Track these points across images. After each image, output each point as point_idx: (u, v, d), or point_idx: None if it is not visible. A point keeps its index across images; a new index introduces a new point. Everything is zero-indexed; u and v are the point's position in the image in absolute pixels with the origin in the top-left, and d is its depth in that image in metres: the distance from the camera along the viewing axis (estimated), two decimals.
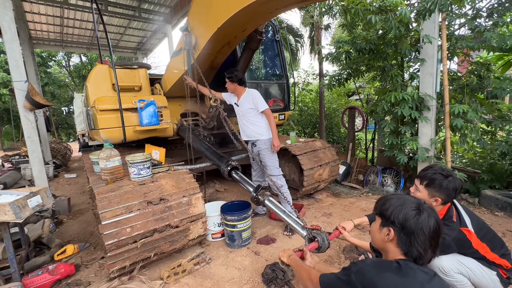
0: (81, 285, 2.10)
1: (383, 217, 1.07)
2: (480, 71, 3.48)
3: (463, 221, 1.59)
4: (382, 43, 4.02)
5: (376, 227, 1.11)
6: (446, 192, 1.55)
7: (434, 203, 1.59)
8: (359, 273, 0.97)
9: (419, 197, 1.63)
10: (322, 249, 1.66)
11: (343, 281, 1.01)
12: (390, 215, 1.03)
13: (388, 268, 0.95)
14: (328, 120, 8.74)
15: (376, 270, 0.95)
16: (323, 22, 8.87)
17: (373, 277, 0.93)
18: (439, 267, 1.56)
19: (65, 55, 18.02)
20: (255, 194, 2.25)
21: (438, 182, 1.56)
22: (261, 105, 2.91)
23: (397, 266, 0.95)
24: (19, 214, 1.86)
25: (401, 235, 1.00)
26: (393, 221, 1.02)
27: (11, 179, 4.70)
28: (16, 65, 3.33)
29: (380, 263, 1.02)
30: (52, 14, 7.20)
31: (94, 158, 2.67)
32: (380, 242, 1.09)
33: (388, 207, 1.06)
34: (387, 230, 1.04)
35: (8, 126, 16.02)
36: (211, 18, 2.39)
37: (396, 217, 1.01)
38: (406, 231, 0.99)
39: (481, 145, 3.48)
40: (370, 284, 0.93)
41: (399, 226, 1.00)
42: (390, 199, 1.09)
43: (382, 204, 1.09)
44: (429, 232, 0.97)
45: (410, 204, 1.02)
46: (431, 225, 0.97)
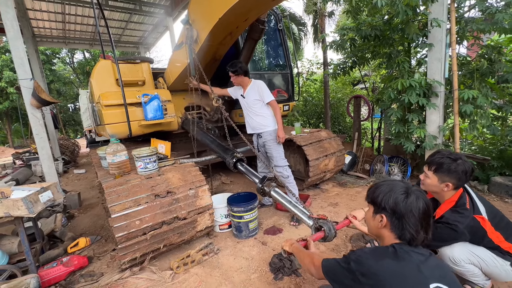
0: (94, 276, 2.17)
1: (375, 205, 1.10)
2: (490, 54, 3.36)
3: (477, 208, 1.55)
4: (388, 28, 3.90)
5: (369, 215, 1.14)
6: (456, 175, 1.50)
7: (446, 189, 1.55)
8: (357, 262, 1.00)
9: (429, 183, 1.60)
10: (328, 239, 1.67)
11: (343, 268, 1.04)
12: (381, 201, 1.06)
13: (384, 254, 0.99)
14: (333, 110, 8.64)
15: (374, 257, 0.98)
16: (326, 9, 8.65)
17: (371, 264, 0.96)
18: (450, 257, 1.54)
19: (68, 52, 18.10)
20: (261, 185, 2.26)
21: (447, 166, 1.52)
22: (267, 96, 2.89)
23: (393, 251, 0.99)
24: (31, 209, 1.92)
25: (393, 220, 1.03)
26: (384, 207, 1.05)
27: (22, 176, 4.82)
28: (21, 63, 3.36)
29: (377, 250, 1.05)
30: (54, 11, 7.19)
31: (101, 153, 2.70)
32: (375, 229, 1.12)
33: (378, 194, 1.08)
34: (380, 217, 1.07)
35: (17, 124, 16.34)
36: (212, 8, 2.34)
37: (387, 203, 1.04)
38: (397, 215, 1.02)
39: (491, 131, 3.40)
40: (369, 271, 0.95)
41: (390, 211, 1.04)
42: (379, 186, 1.12)
43: (373, 192, 1.12)
44: (419, 213, 1.00)
45: (399, 189, 1.05)
46: (420, 206, 1.00)
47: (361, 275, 0.96)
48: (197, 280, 2.04)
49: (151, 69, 3.52)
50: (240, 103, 3.12)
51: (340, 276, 1.05)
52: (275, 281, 1.98)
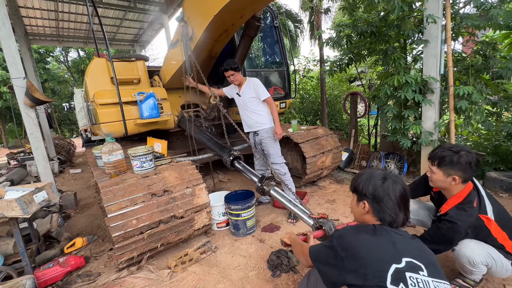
0: (92, 276, 2.16)
1: (357, 192, 1.17)
2: (485, 50, 3.38)
3: (483, 207, 1.52)
4: (384, 25, 3.91)
5: (353, 203, 1.21)
6: (460, 167, 1.47)
7: (453, 183, 1.51)
8: (339, 237, 1.07)
9: (436, 179, 1.59)
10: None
11: (328, 247, 1.10)
12: (362, 189, 1.13)
13: (363, 230, 1.07)
14: (330, 107, 8.65)
15: (354, 233, 1.06)
16: (323, 5, 8.63)
17: (351, 239, 1.04)
18: (470, 260, 1.51)
19: (62, 50, 17.86)
20: (260, 185, 2.24)
21: (449, 159, 1.49)
22: (262, 94, 2.88)
23: (372, 228, 1.07)
24: (26, 210, 1.89)
25: (374, 205, 1.10)
26: (365, 194, 1.12)
27: (17, 176, 4.77)
28: (14, 61, 3.30)
29: (358, 227, 1.12)
30: (47, 8, 7.07)
31: (97, 152, 2.68)
32: (359, 215, 1.18)
33: (359, 182, 1.16)
34: (363, 204, 1.13)
35: (11, 124, 16.14)
36: (207, 5, 2.32)
37: (367, 189, 1.11)
38: (377, 200, 1.08)
39: (486, 127, 3.43)
40: (348, 245, 1.02)
41: (370, 196, 1.10)
42: (360, 175, 1.19)
43: (355, 181, 1.19)
44: (395, 196, 1.06)
45: (377, 175, 1.13)
46: (397, 190, 1.07)
47: (342, 250, 1.02)
48: (195, 279, 2.04)
49: (147, 67, 3.48)
50: (236, 102, 3.11)
51: (324, 257, 1.11)
52: (273, 278, 1.98)
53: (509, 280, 1.79)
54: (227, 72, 2.85)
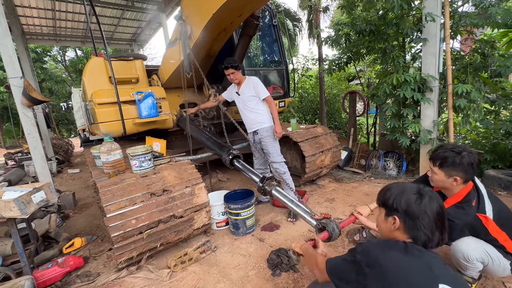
0: (91, 276, 2.15)
1: (386, 207, 1.08)
2: (484, 49, 3.38)
3: (482, 206, 1.52)
4: (383, 23, 3.91)
5: (381, 218, 1.11)
6: (462, 168, 1.47)
7: (455, 183, 1.51)
8: (364, 252, 0.98)
9: (437, 179, 1.58)
10: (333, 238, 1.62)
11: (349, 262, 1.02)
12: (392, 203, 1.04)
13: (393, 247, 0.96)
14: (329, 105, 8.65)
15: (381, 248, 0.96)
16: (321, 4, 8.62)
17: (378, 255, 0.94)
18: (465, 255, 1.52)
19: (60, 49, 17.75)
20: (261, 185, 2.20)
21: (451, 160, 1.49)
22: (262, 92, 2.88)
23: (403, 245, 0.96)
24: (24, 210, 1.88)
25: (406, 221, 1.00)
26: (396, 209, 1.02)
27: (15, 176, 4.74)
28: (10, 61, 3.28)
29: (386, 242, 1.02)
30: (44, 7, 7.02)
31: (95, 152, 2.66)
32: (388, 232, 1.08)
33: (389, 196, 1.06)
34: (393, 219, 1.04)
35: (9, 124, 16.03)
36: (206, 3, 2.31)
37: (399, 204, 1.02)
38: (411, 216, 0.99)
39: (484, 125, 3.44)
40: (375, 262, 0.93)
41: (402, 212, 1.01)
42: (390, 188, 1.10)
43: (384, 195, 1.10)
44: (433, 214, 0.97)
45: (410, 189, 1.03)
46: (434, 208, 0.98)
47: (367, 266, 0.93)
48: (195, 278, 2.03)
49: (145, 66, 3.46)
50: (235, 101, 3.09)
51: (344, 272, 1.02)
52: (273, 277, 1.98)
53: (509, 278, 1.80)
54: (228, 70, 2.83)
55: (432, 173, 1.61)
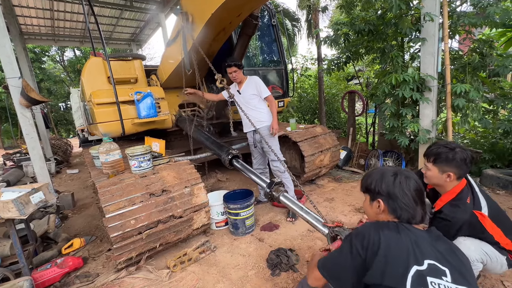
0: (90, 277, 2.14)
1: (370, 192, 1.13)
2: (482, 48, 3.39)
3: (478, 203, 1.52)
4: (382, 23, 3.91)
5: (367, 204, 1.16)
6: (455, 164, 1.49)
7: (448, 179, 1.53)
8: (358, 234, 1.01)
9: (431, 176, 1.59)
10: None
11: (343, 249, 1.04)
12: (374, 187, 1.10)
13: (386, 226, 1.00)
14: (328, 105, 8.66)
15: (375, 228, 1.00)
16: (320, 4, 8.62)
17: (372, 236, 0.97)
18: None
19: (58, 49, 17.69)
20: (269, 190, 2.12)
21: (445, 155, 1.51)
22: (264, 91, 2.92)
23: (393, 224, 1.01)
24: (22, 211, 1.88)
25: (389, 202, 1.06)
26: (378, 192, 1.08)
27: (13, 177, 4.72)
28: (9, 61, 3.26)
29: (378, 223, 1.05)
30: (42, 7, 6.99)
31: (94, 152, 2.66)
32: (374, 215, 1.14)
33: (371, 181, 1.12)
34: (377, 203, 1.09)
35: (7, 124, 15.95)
36: (205, 3, 2.31)
37: (380, 188, 1.08)
38: (392, 197, 1.05)
39: (483, 125, 3.45)
40: (369, 243, 0.96)
41: (385, 195, 1.07)
42: (371, 174, 1.15)
43: (366, 181, 1.16)
44: (411, 191, 1.03)
45: (388, 172, 1.10)
46: (411, 184, 1.04)
47: (361, 248, 0.96)
48: (194, 278, 2.03)
49: (144, 66, 3.46)
50: (235, 100, 3.07)
51: (339, 261, 1.05)
52: (272, 277, 1.98)
53: (507, 276, 1.81)
54: (231, 68, 2.86)
55: (426, 170, 1.63)
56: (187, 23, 2.58)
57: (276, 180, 2.15)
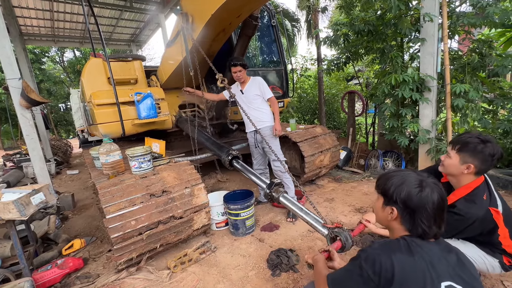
0: (90, 278, 2.14)
1: (385, 196, 1.04)
2: (481, 48, 3.40)
3: (494, 200, 1.45)
4: (381, 23, 3.92)
5: (379, 205, 1.08)
6: (481, 157, 1.40)
7: (466, 171, 1.44)
8: (368, 259, 0.94)
9: (449, 164, 1.51)
10: (346, 249, 1.53)
11: (353, 272, 0.97)
12: (392, 194, 1.00)
13: (397, 249, 0.93)
14: (328, 105, 8.67)
15: (385, 252, 0.92)
16: (320, 4, 8.64)
17: (383, 260, 0.90)
18: None
19: (58, 50, 17.70)
20: (268, 191, 2.12)
21: (473, 146, 1.41)
22: (268, 93, 2.95)
23: (404, 244, 0.93)
24: (23, 212, 1.88)
25: (404, 214, 0.98)
26: (395, 200, 0.99)
27: (14, 178, 4.73)
28: (9, 62, 3.27)
29: (387, 244, 0.97)
30: (42, 8, 7.00)
31: (94, 153, 2.66)
32: (384, 220, 1.07)
33: (390, 186, 1.02)
34: (390, 209, 1.01)
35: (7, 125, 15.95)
36: (204, 4, 2.31)
37: (399, 196, 0.98)
38: (409, 210, 0.96)
39: (482, 125, 3.45)
40: (381, 268, 0.89)
41: (401, 205, 0.98)
42: (391, 177, 1.04)
43: (384, 183, 1.05)
44: (433, 208, 0.93)
45: (412, 181, 0.98)
46: (435, 200, 0.94)
47: (373, 273, 0.90)
48: (195, 279, 2.03)
49: (144, 67, 3.46)
50: (237, 100, 3.06)
51: (349, 283, 0.99)
52: (272, 277, 1.99)
53: (507, 276, 1.81)
54: (236, 67, 2.86)
55: (446, 157, 1.55)
56: (187, 24, 2.58)
57: (275, 181, 2.15)
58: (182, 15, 2.58)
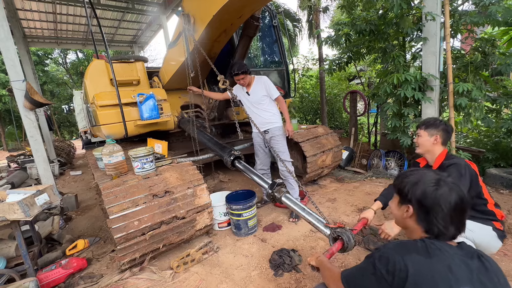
0: (94, 278, 2.16)
1: (401, 195, 1.04)
2: (484, 47, 3.38)
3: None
4: (383, 23, 3.91)
5: (395, 204, 1.08)
6: (441, 128, 1.74)
7: (435, 142, 1.75)
8: (382, 258, 0.92)
9: (422, 141, 1.79)
10: (348, 249, 1.53)
11: (367, 270, 0.96)
12: (407, 192, 0.99)
13: (413, 249, 0.90)
14: (330, 105, 8.66)
15: (400, 252, 0.90)
16: (321, 4, 8.63)
17: (397, 260, 0.88)
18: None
19: (61, 52, 17.84)
20: (270, 191, 2.11)
21: (433, 121, 1.80)
22: (274, 92, 2.92)
23: (422, 245, 0.90)
24: (28, 212, 1.90)
25: (419, 213, 0.97)
26: (410, 199, 0.98)
27: (18, 179, 4.77)
28: (13, 64, 3.30)
29: (403, 244, 0.95)
30: (45, 11, 7.06)
31: (97, 154, 2.68)
32: (400, 219, 1.06)
33: (405, 184, 1.01)
34: (406, 207, 1.00)
35: (11, 126, 16.11)
36: (206, 5, 2.32)
37: (413, 194, 0.97)
38: (424, 208, 0.95)
39: (485, 124, 3.43)
40: (394, 268, 0.87)
41: (416, 203, 0.97)
42: (407, 176, 1.04)
43: (400, 182, 1.05)
44: (449, 208, 0.90)
45: (428, 179, 0.97)
46: (452, 200, 0.90)
47: (386, 272, 0.88)
48: (198, 279, 2.04)
49: (146, 68, 3.48)
50: (243, 102, 3.04)
51: (364, 281, 0.98)
52: (275, 277, 1.99)
53: (507, 273, 1.79)
54: (239, 76, 2.83)
55: (418, 137, 1.84)
56: (189, 25, 2.59)
57: (278, 181, 2.15)
58: (184, 16, 2.59)
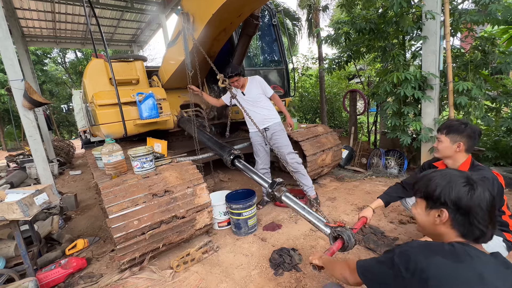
0: (94, 277, 2.15)
1: (430, 199, 0.95)
2: (484, 46, 3.38)
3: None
4: (383, 22, 3.90)
5: (421, 210, 1.00)
6: (466, 134, 1.58)
7: (458, 149, 1.61)
8: (403, 255, 0.88)
9: (443, 147, 1.66)
10: (348, 248, 1.53)
11: (384, 264, 0.92)
12: (439, 195, 0.91)
13: (438, 251, 0.84)
14: (329, 104, 8.65)
15: (424, 253, 0.85)
16: (320, 3, 8.62)
17: (420, 260, 0.83)
18: None
19: (60, 51, 17.79)
20: (271, 190, 2.09)
21: (457, 126, 1.62)
22: (269, 91, 3.00)
23: (450, 249, 0.84)
24: (27, 212, 1.89)
25: (456, 216, 0.89)
26: (444, 202, 0.90)
27: (17, 179, 4.76)
28: (11, 63, 3.29)
29: (429, 246, 0.89)
30: (43, 10, 7.04)
31: (96, 153, 2.67)
32: (430, 225, 0.97)
33: (435, 187, 0.93)
34: (438, 212, 0.92)
35: (10, 126, 16.08)
36: (205, 4, 2.31)
37: (448, 197, 0.89)
38: (462, 211, 0.88)
39: (485, 123, 3.43)
40: (415, 267, 0.82)
41: (452, 206, 0.89)
42: (432, 178, 0.96)
43: (426, 186, 0.97)
44: (487, 206, 0.86)
45: (458, 179, 0.90)
46: (487, 198, 0.86)
47: (405, 270, 0.84)
48: (198, 278, 2.04)
49: (145, 68, 3.47)
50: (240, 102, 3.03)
51: (379, 274, 0.94)
52: (275, 276, 1.99)
53: None
54: (233, 78, 2.87)
55: (438, 143, 1.71)
56: (188, 24, 2.58)
57: (278, 180, 2.14)
58: (183, 15, 2.58)
